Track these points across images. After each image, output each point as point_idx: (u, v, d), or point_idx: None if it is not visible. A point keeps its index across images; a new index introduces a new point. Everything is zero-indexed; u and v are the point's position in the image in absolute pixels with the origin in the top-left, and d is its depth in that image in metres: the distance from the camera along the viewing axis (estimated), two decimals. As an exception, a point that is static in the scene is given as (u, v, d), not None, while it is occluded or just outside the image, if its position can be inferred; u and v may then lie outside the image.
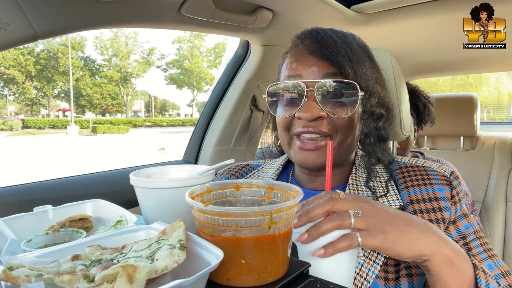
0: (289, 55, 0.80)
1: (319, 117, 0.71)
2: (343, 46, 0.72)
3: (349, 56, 0.71)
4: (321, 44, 0.73)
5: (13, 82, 33.86)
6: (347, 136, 0.74)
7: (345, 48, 0.72)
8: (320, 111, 0.71)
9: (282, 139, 0.80)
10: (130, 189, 0.69)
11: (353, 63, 0.71)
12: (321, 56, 0.73)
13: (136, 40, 38.47)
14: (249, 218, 0.45)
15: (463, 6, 1.19)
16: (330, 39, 0.73)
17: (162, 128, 34.16)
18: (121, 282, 0.36)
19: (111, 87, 38.23)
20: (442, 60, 2.08)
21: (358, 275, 0.64)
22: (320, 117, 0.72)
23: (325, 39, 0.73)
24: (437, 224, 0.69)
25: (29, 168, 11.64)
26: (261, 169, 0.93)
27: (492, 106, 25.60)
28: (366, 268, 0.64)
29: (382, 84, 0.79)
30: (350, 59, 0.71)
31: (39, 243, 0.62)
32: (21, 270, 0.40)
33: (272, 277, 0.49)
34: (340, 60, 0.71)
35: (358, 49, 0.75)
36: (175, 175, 0.78)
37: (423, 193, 0.72)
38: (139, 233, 0.56)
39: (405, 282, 0.64)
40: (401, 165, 0.80)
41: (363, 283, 0.63)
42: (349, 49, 0.72)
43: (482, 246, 0.69)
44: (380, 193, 0.73)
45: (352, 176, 0.78)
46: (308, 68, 0.74)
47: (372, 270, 0.64)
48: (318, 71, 0.73)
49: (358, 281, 0.64)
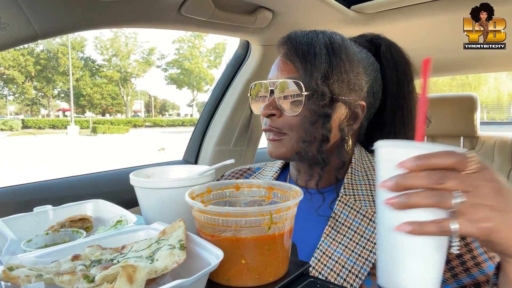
0: None
1: (272, 115, 0.77)
2: (303, 47, 0.75)
3: (304, 56, 0.74)
4: (287, 45, 0.77)
5: (13, 82, 33.87)
6: (301, 133, 0.76)
7: (303, 49, 0.74)
8: (272, 109, 0.76)
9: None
10: (130, 189, 0.69)
11: (306, 63, 0.73)
12: (284, 57, 0.78)
13: (136, 40, 38.49)
14: (249, 218, 0.45)
15: (463, 6, 1.19)
16: (294, 41, 0.76)
17: (162, 128, 34.17)
18: (121, 282, 0.36)
19: (111, 87, 38.23)
20: (442, 60, 2.08)
21: (350, 273, 0.66)
22: (273, 115, 0.77)
23: (293, 40, 0.77)
24: None
25: (29, 168, 11.64)
26: (262, 172, 0.94)
27: (492, 106, 25.60)
28: (358, 266, 0.66)
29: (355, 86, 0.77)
30: (305, 59, 0.74)
31: (39, 243, 0.62)
32: (21, 270, 0.40)
33: (272, 277, 0.49)
34: (296, 61, 0.75)
35: (321, 49, 0.74)
36: (175, 175, 0.78)
37: None
38: (139, 233, 0.56)
39: None
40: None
41: (354, 280, 0.65)
42: (308, 49, 0.74)
43: (483, 247, 0.69)
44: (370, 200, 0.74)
45: (348, 175, 0.79)
46: (277, 70, 0.80)
47: (364, 268, 0.66)
48: (281, 73, 0.78)
49: (350, 278, 0.65)
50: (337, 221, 0.73)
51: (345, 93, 0.76)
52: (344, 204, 0.74)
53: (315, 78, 0.73)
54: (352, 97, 0.77)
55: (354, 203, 0.74)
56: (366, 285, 0.65)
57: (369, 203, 0.73)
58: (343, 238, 0.70)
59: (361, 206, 0.73)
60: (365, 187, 0.76)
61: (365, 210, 0.72)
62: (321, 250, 0.70)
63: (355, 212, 0.72)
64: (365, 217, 0.71)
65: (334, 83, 0.74)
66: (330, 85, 0.74)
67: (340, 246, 0.70)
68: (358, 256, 0.67)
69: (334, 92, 0.74)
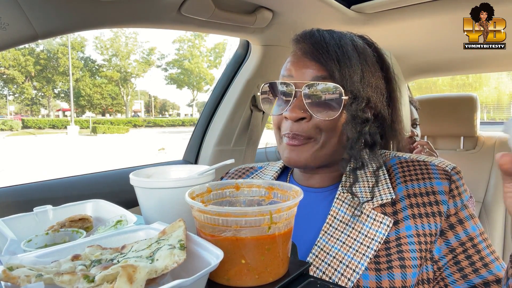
0: (289, 56, 0.81)
1: (303, 118, 0.73)
2: (335, 48, 0.73)
3: (338, 59, 0.72)
4: (313, 46, 0.74)
5: (13, 82, 33.86)
6: (331, 138, 0.75)
7: (336, 50, 0.73)
8: (304, 112, 0.73)
9: (275, 136, 0.82)
10: (130, 189, 0.69)
11: (341, 66, 0.72)
12: (311, 58, 0.75)
13: (136, 40, 38.46)
14: (249, 218, 0.45)
15: (463, 6, 1.19)
16: (323, 41, 0.74)
17: (162, 128, 34.16)
18: (121, 282, 0.36)
19: (111, 87, 38.20)
20: (442, 60, 2.08)
21: (347, 267, 0.66)
22: (303, 118, 0.73)
23: (318, 41, 0.74)
24: (433, 217, 0.69)
25: (29, 168, 11.64)
26: (263, 171, 0.94)
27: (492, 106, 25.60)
28: (355, 261, 0.66)
29: (378, 89, 0.78)
30: (339, 62, 0.72)
31: (39, 243, 0.62)
32: (21, 270, 0.40)
33: (272, 277, 0.49)
34: (330, 63, 0.72)
35: (352, 52, 0.74)
36: (175, 175, 0.78)
37: (421, 187, 0.73)
38: (139, 233, 0.56)
39: (398, 273, 0.65)
40: (401, 160, 0.80)
41: (352, 274, 0.65)
42: (341, 52, 0.73)
43: (489, 248, 0.70)
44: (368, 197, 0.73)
45: (346, 173, 0.79)
46: (300, 69, 0.75)
47: (362, 262, 0.66)
48: (308, 73, 0.74)
49: (347, 273, 0.66)
50: (335, 218, 0.73)
51: (374, 97, 0.77)
52: (342, 202, 0.75)
53: (355, 81, 0.73)
54: (379, 100, 0.78)
55: (352, 200, 0.74)
56: (363, 280, 0.65)
57: (366, 200, 0.73)
58: (341, 234, 0.71)
59: (359, 203, 0.73)
60: (363, 184, 0.77)
61: (363, 207, 0.72)
62: (319, 246, 0.71)
63: (353, 209, 0.73)
64: (363, 213, 0.72)
65: (367, 87, 0.75)
66: (364, 89, 0.74)
67: (338, 242, 0.70)
68: (356, 251, 0.68)
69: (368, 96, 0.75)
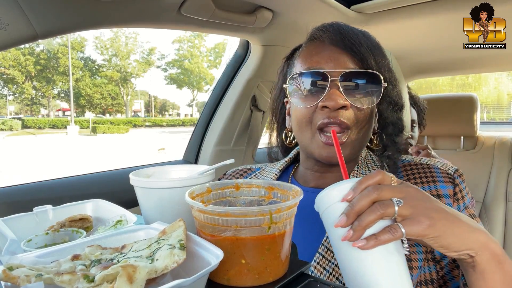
0: (305, 49, 0.80)
1: (343, 107, 0.71)
2: (364, 39, 0.75)
3: (370, 48, 0.74)
4: (343, 35, 0.74)
5: (13, 82, 33.85)
6: (363, 129, 0.75)
7: (366, 40, 0.75)
8: (344, 101, 0.70)
9: (303, 133, 0.77)
10: (130, 189, 0.69)
11: (375, 55, 0.74)
12: (343, 47, 0.73)
13: (136, 40, 38.45)
14: (249, 218, 0.45)
15: (463, 6, 1.20)
16: (351, 32, 0.75)
17: (162, 128, 34.15)
18: (121, 282, 0.36)
19: (111, 87, 38.18)
20: (442, 60, 2.08)
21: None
22: (344, 107, 0.71)
23: (347, 31, 0.75)
24: None
25: (29, 168, 11.64)
26: (261, 172, 0.94)
27: (492, 106, 25.60)
28: None
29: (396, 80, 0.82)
30: (372, 51, 0.74)
31: (39, 243, 0.62)
32: (21, 270, 0.40)
33: (272, 277, 0.49)
34: (363, 51, 0.72)
35: (377, 43, 0.78)
36: (175, 175, 0.78)
37: (426, 190, 0.72)
38: (139, 233, 0.56)
39: None
40: (405, 163, 0.80)
41: None
42: (369, 42, 0.75)
43: None
44: None
45: (354, 173, 0.78)
46: (330, 59, 0.73)
47: None
48: (340, 62, 0.73)
49: None
50: None
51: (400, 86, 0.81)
52: None
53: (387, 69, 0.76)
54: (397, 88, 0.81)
55: None
56: None
57: None
58: None
59: None
60: None
61: None
62: (321, 253, 0.70)
63: None
64: None
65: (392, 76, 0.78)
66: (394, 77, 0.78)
67: None
68: None
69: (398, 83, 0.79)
